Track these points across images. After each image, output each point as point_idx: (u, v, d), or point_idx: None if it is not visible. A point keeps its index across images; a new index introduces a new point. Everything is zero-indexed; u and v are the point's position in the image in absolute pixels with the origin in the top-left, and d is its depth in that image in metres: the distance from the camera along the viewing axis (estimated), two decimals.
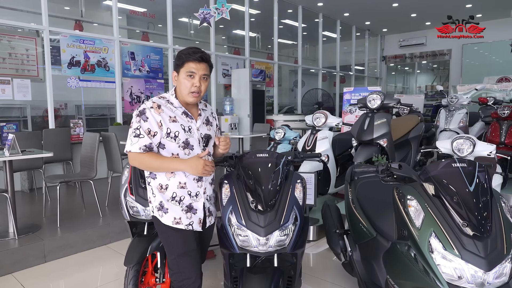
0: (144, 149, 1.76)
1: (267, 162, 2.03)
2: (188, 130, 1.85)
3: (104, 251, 3.70)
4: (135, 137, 1.76)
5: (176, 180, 1.85)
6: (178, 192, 1.85)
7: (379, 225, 2.22)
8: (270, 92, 10.12)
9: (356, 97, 6.49)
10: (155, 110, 1.79)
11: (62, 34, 5.91)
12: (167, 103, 1.84)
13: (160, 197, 1.86)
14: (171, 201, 1.85)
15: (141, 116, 1.77)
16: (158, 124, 1.77)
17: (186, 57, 1.80)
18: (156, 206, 1.87)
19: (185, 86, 1.82)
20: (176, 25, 7.59)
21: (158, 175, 1.85)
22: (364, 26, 13.16)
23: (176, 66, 1.84)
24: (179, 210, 1.86)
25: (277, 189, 1.94)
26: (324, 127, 4.29)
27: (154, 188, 1.87)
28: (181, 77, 1.82)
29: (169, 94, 1.89)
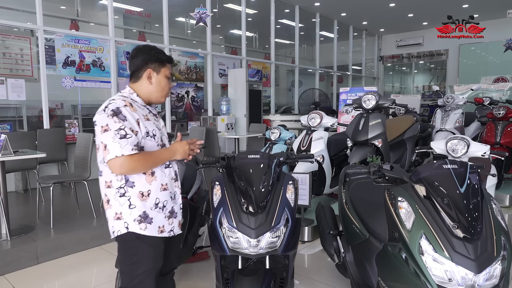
0: (136, 149, 1.61)
1: (259, 163, 2.01)
2: (159, 129, 1.79)
3: (98, 252, 3.68)
4: (122, 138, 1.57)
5: (158, 183, 1.71)
6: (161, 196, 1.71)
7: (371, 226, 2.21)
8: (267, 92, 10.11)
9: (352, 97, 6.49)
10: (130, 108, 1.65)
11: (57, 34, 5.88)
12: (133, 101, 1.72)
13: (142, 206, 1.66)
14: (155, 208, 1.69)
15: (117, 116, 1.60)
16: (137, 122, 1.65)
17: (165, 57, 1.77)
18: (136, 219, 1.65)
19: (164, 86, 1.78)
20: (173, 24, 7.57)
21: (137, 181, 1.66)
22: (361, 26, 13.16)
23: (157, 65, 1.75)
24: (163, 217, 1.72)
25: (269, 191, 1.92)
26: (319, 127, 4.28)
27: (133, 197, 1.65)
28: (161, 77, 1.77)
29: (128, 93, 1.75)
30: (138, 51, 1.76)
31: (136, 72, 1.76)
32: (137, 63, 1.74)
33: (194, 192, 3.09)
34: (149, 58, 1.73)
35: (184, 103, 7.95)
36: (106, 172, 1.66)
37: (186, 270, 3.19)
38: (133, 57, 1.76)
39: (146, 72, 1.74)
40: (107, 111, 1.61)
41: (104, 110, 1.63)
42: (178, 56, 7.72)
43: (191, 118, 8.34)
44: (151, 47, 1.77)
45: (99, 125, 1.61)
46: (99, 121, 1.62)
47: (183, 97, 7.91)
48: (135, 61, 1.75)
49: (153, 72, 1.74)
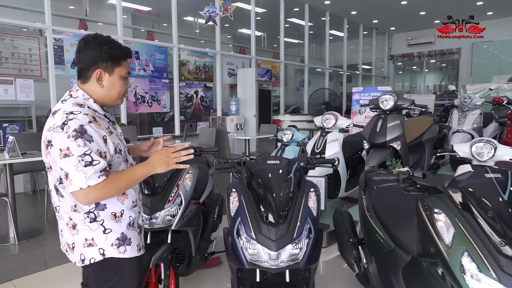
0: (104, 174, 1.34)
1: (279, 169, 1.89)
2: (121, 141, 1.53)
3: None
4: (87, 166, 1.29)
5: (130, 201, 1.51)
6: (132, 214, 1.53)
7: (397, 236, 2.07)
8: (276, 92, 9.98)
9: (365, 97, 6.33)
10: (95, 124, 1.35)
11: (66, 33, 5.81)
12: (93, 112, 1.42)
13: (118, 228, 1.46)
14: (130, 227, 1.51)
15: (82, 136, 1.30)
16: (103, 140, 1.37)
17: (121, 52, 1.45)
18: (114, 243, 1.45)
19: (119, 88, 1.49)
20: (181, 24, 7.48)
21: (109, 203, 1.44)
22: (371, 25, 12.96)
23: (109, 64, 1.43)
24: (137, 235, 1.56)
25: (290, 199, 1.80)
26: (334, 129, 4.14)
27: (106, 221, 1.44)
28: (115, 78, 1.46)
29: (83, 99, 1.44)
30: (86, 44, 1.42)
31: (84, 71, 1.43)
32: (85, 60, 1.42)
33: (206, 196, 2.99)
34: (99, 56, 1.40)
35: (193, 103, 7.85)
36: (68, 195, 1.41)
37: (197, 276, 3.07)
38: (79, 51, 1.42)
39: (96, 73, 1.42)
40: (67, 130, 1.30)
41: (62, 127, 1.30)
42: (187, 56, 7.62)
43: (199, 118, 8.25)
44: (103, 40, 1.43)
45: (56, 146, 1.31)
46: (57, 142, 1.31)
47: (192, 97, 7.81)
48: (82, 57, 1.42)
49: (104, 73, 1.43)
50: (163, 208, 2.27)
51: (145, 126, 8.61)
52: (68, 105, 1.38)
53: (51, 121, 1.35)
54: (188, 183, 2.46)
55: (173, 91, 7.41)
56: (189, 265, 2.67)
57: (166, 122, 8.56)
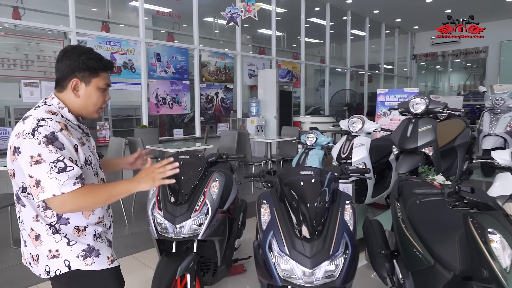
0: (80, 182, 1.29)
1: (313, 180, 1.79)
2: (93, 154, 1.49)
3: (130, 261, 3.56)
4: (60, 172, 1.25)
5: (95, 217, 1.45)
6: (98, 228, 1.46)
7: (438, 252, 1.93)
8: (297, 92, 9.86)
9: (391, 99, 6.14)
10: (67, 132, 1.32)
11: (89, 36, 5.86)
12: (66, 121, 1.38)
13: (83, 240, 1.40)
14: (96, 239, 1.44)
15: (53, 143, 1.26)
16: (75, 148, 1.33)
17: (100, 63, 1.42)
18: (80, 255, 1.39)
19: (97, 100, 1.44)
20: (201, 25, 7.47)
21: (72, 218, 1.38)
22: (394, 24, 12.66)
23: (86, 74, 1.40)
24: (106, 247, 1.48)
25: (325, 212, 1.70)
26: (360, 132, 4.00)
27: (69, 234, 1.38)
28: (92, 89, 1.42)
29: (57, 107, 1.40)
30: (64, 54, 1.41)
31: (61, 80, 1.41)
32: (62, 69, 1.40)
33: (231, 203, 2.91)
34: (76, 66, 1.38)
35: (214, 104, 7.82)
36: (30, 205, 1.35)
37: (221, 285, 3.00)
38: (58, 61, 1.41)
39: (72, 82, 1.39)
40: (38, 137, 1.25)
41: (33, 134, 1.26)
42: (207, 57, 7.59)
43: (219, 120, 8.22)
44: (82, 51, 1.41)
45: (26, 153, 1.25)
46: (27, 149, 1.26)
47: (213, 99, 7.78)
48: (60, 66, 1.40)
49: (80, 82, 1.40)
50: (190, 217, 2.20)
51: (165, 127, 8.65)
52: (40, 111, 1.34)
53: (20, 127, 1.30)
54: (215, 191, 2.39)
55: (193, 93, 7.40)
56: (214, 274, 2.60)
57: (186, 123, 8.57)
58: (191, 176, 2.36)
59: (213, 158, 2.66)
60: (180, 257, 2.23)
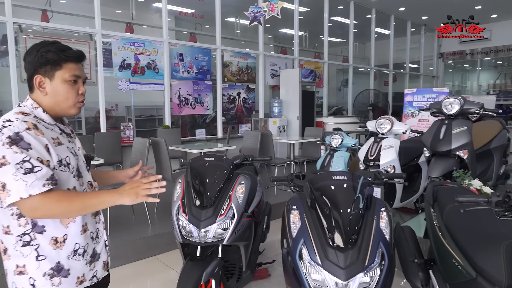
0: (51, 183, 1.21)
1: (346, 186, 1.69)
2: (74, 153, 1.37)
3: (153, 263, 3.55)
4: (27, 173, 1.17)
5: (78, 224, 1.33)
6: (81, 240, 1.34)
7: (480, 264, 1.80)
8: (319, 92, 9.70)
9: (419, 99, 5.92)
10: (34, 131, 1.22)
11: (114, 37, 5.93)
12: (38, 120, 1.29)
13: (55, 257, 1.28)
14: (73, 256, 1.31)
15: (18, 144, 1.18)
16: (46, 148, 1.24)
17: (61, 55, 1.29)
18: (47, 273, 1.27)
19: (67, 95, 1.32)
20: (223, 25, 7.44)
21: (48, 226, 1.27)
22: (420, 21, 12.28)
23: (48, 68, 1.29)
24: (83, 265, 1.35)
25: (360, 220, 1.60)
26: (389, 134, 3.86)
27: (43, 246, 1.27)
28: (57, 83, 1.30)
29: (31, 108, 1.31)
30: (27, 52, 1.31)
31: (29, 80, 1.32)
32: (27, 68, 1.31)
33: (255, 205, 2.84)
34: (36, 61, 1.29)
35: (236, 105, 7.78)
36: (2, 214, 1.26)
37: None
38: (23, 60, 1.33)
39: (35, 79, 1.30)
40: (1, 138, 1.18)
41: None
42: (230, 57, 7.56)
43: (240, 120, 8.17)
44: (42, 44, 1.31)
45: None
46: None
47: (235, 99, 7.74)
48: (25, 65, 1.32)
49: (44, 78, 1.30)
50: (215, 221, 2.15)
51: (187, 128, 8.68)
52: (10, 113, 1.27)
53: None
54: (241, 194, 2.33)
55: (215, 93, 7.38)
56: (239, 279, 2.54)
57: (208, 124, 8.57)
58: (216, 179, 2.31)
59: (239, 161, 2.60)
60: (205, 262, 2.18)
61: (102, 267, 1.44)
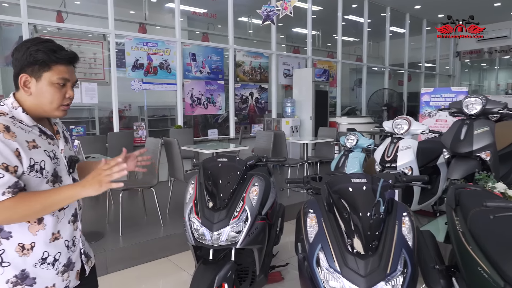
0: (11, 191, 1.13)
1: (365, 189, 1.62)
2: (53, 156, 1.28)
3: (165, 264, 3.52)
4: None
5: (48, 232, 1.24)
6: (50, 249, 1.25)
7: (509, 273, 1.69)
8: (333, 92, 9.58)
9: (436, 98, 5.76)
10: (4, 134, 1.15)
11: (127, 37, 5.94)
12: (14, 121, 1.21)
13: (21, 263, 1.20)
14: (41, 264, 1.24)
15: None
16: (15, 153, 1.16)
17: (51, 56, 1.23)
18: (10, 281, 1.19)
19: (52, 98, 1.25)
20: (235, 25, 7.39)
21: (15, 231, 1.19)
22: (436, 19, 12.01)
23: (36, 68, 1.23)
24: (53, 275, 1.27)
25: (380, 225, 1.52)
26: (406, 135, 3.74)
27: (8, 252, 1.19)
28: (43, 84, 1.24)
29: (10, 107, 1.23)
30: (16, 48, 1.25)
31: (15, 77, 1.25)
32: (14, 65, 1.25)
33: (269, 207, 2.77)
34: (24, 59, 1.22)
35: (248, 104, 7.73)
36: None
37: None
38: (12, 57, 1.26)
39: (20, 78, 1.23)
40: None
41: None
42: (242, 57, 7.51)
43: (253, 120, 8.11)
44: (33, 42, 1.24)
45: None
46: None
47: (247, 99, 7.69)
48: (13, 62, 1.25)
49: (30, 78, 1.23)
50: (228, 224, 2.09)
51: (199, 128, 8.67)
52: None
53: None
54: (255, 196, 2.27)
55: (228, 93, 7.34)
56: (252, 283, 2.48)
57: (220, 123, 8.54)
58: (229, 180, 2.25)
59: (252, 161, 2.54)
60: (218, 265, 2.13)
61: (75, 277, 1.36)
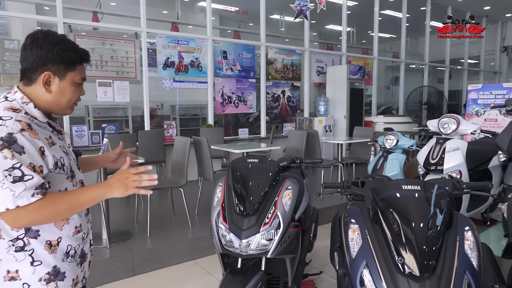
0: (40, 193, 1.10)
1: (418, 196, 1.38)
2: (66, 152, 1.27)
3: (193, 267, 3.40)
4: (16, 182, 1.06)
5: (71, 227, 1.25)
6: (73, 242, 1.26)
7: None
8: (368, 91, 9.19)
9: (485, 96, 5.29)
10: (29, 132, 1.11)
11: (158, 35, 5.91)
12: (31, 118, 1.17)
13: (51, 261, 1.20)
14: (67, 258, 1.24)
15: (10, 147, 1.06)
16: (40, 152, 1.12)
17: (76, 56, 1.22)
18: (43, 279, 1.19)
19: (70, 96, 1.25)
20: (267, 23, 7.20)
21: (43, 230, 1.18)
22: (481, 12, 11.26)
23: (61, 67, 1.20)
24: (75, 267, 1.28)
25: (438, 241, 1.28)
26: (454, 135, 3.41)
27: (38, 251, 1.17)
28: (66, 84, 1.22)
29: (21, 103, 1.18)
30: (34, 41, 1.18)
31: (29, 72, 1.20)
32: (31, 60, 1.18)
33: (302, 212, 2.56)
34: (49, 57, 1.18)
35: (280, 103, 7.52)
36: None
37: None
38: (25, 49, 1.19)
39: (43, 75, 1.19)
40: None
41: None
42: (274, 54, 7.32)
43: (284, 119, 7.89)
44: (56, 39, 1.20)
45: None
46: None
47: (279, 97, 7.49)
48: (28, 55, 1.19)
49: (54, 77, 1.20)
50: (259, 231, 1.91)
51: (229, 127, 8.56)
52: None
53: None
54: (288, 201, 2.07)
55: (259, 92, 7.18)
56: None
57: (251, 123, 8.40)
58: (260, 183, 2.07)
59: (285, 163, 2.35)
60: (247, 276, 1.95)
61: (88, 267, 1.38)
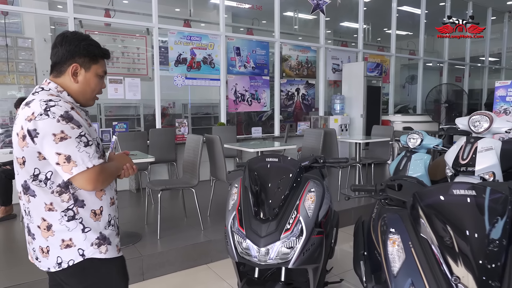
0: (102, 157, 1.38)
1: (470, 202, 1.17)
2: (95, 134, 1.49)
3: (204, 272, 3.22)
4: (87, 146, 1.28)
5: (108, 197, 1.43)
6: (111, 212, 1.45)
7: None
8: (385, 89, 8.89)
9: None
10: (76, 111, 1.32)
11: (170, 31, 5.77)
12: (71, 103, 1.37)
13: (97, 227, 1.38)
14: (109, 227, 1.42)
15: (71, 122, 1.26)
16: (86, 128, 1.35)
17: (99, 51, 1.43)
18: (94, 243, 1.36)
19: (94, 87, 1.45)
20: (281, 20, 6.99)
21: (87, 200, 1.36)
22: (504, 7, 10.84)
23: (87, 60, 1.39)
24: (115, 235, 1.46)
25: (501, 256, 1.07)
26: (486, 133, 3.16)
27: (86, 219, 1.35)
28: (91, 75, 1.42)
29: (56, 91, 1.36)
30: (64, 39, 1.38)
31: (59, 65, 1.39)
32: (61, 54, 1.38)
33: (323, 216, 2.35)
34: (76, 51, 1.38)
35: (294, 101, 7.31)
36: (43, 193, 1.31)
37: None
38: (56, 46, 1.38)
39: (72, 67, 1.38)
40: (54, 116, 1.24)
41: (47, 114, 1.24)
42: (289, 51, 7.11)
43: (298, 118, 7.67)
44: (82, 37, 1.41)
45: (46, 133, 1.23)
46: (47, 128, 1.23)
47: (293, 95, 7.27)
48: (58, 51, 1.38)
49: (80, 68, 1.39)
50: (279, 238, 1.72)
51: (242, 125, 8.38)
52: (42, 95, 1.31)
53: (28, 111, 1.27)
54: (311, 205, 1.87)
55: (273, 90, 6.98)
56: None
57: (264, 121, 8.20)
58: (280, 185, 1.88)
59: (307, 162, 2.14)
60: (265, 287, 1.76)
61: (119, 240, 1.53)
